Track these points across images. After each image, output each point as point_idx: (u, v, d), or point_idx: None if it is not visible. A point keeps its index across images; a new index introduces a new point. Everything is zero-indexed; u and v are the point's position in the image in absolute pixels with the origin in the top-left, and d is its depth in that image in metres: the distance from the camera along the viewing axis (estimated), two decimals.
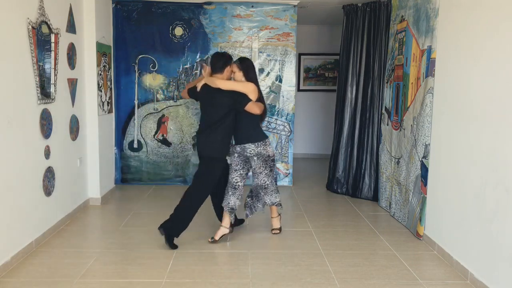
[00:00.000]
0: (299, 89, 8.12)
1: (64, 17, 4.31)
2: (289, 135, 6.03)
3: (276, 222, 4.22)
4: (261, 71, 5.89)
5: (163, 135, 5.98)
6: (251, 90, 3.78)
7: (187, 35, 5.82)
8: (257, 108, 3.81)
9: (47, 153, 3.92)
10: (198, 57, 5.86)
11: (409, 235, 4.18)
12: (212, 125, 3.81)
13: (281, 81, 5.98)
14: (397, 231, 4.30)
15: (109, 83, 5.43)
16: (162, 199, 5.32)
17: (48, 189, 3.95)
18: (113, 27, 5.67)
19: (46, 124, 3.87)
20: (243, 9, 5.83)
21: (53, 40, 4.00)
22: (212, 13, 5.81)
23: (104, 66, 5.19)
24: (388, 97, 4.98)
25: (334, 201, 5.47)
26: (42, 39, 3.83)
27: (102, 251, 3.69)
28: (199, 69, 5.87)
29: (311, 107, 8.27)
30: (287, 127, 6.03)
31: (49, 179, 3.97)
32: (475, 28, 3.25)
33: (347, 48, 5.61)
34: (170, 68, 5.86)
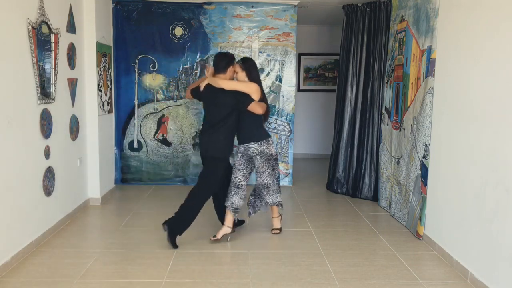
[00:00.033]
0: (299, 89, 8.12)
1: (64, 17, 4.31)
2: (289, 135, 6.03)
3: (276, 222, 4.22)
4: (261, 71, 5.88)
5: (163, 135, 5.98)
6: (254, 90, 3.79)
7: (187, 35, 5.82)
8: (259, 108, 3.81)
9: (47, 153, 3.92)
10: (198, 57, 5.86)
11: (409, 235, 4.18)
12: (215, 125, 3.82)
13: (281, 81, 5.98)
14: (397, 231, 4.30)
15: (109, 83, 5.43)
16: (162, 199, 5.32)
17: (48, 189, 3.95)
18: (113, 27, 5.67)
19: (46, 124, 3.87)
20: (243, 9, 5.83)
21: (53, 40, 4.00)
22: (212, 13, 5.81)
23: (104, 66, 5.19)
24: (388, 97, 4.98)
25: (334, 201, 5.47)
26: (42, 39, 3.83)
27: (102, 251, 3.69)
28: (199, 69, 5.87)
29: (311, 107, 8.27)
30: (287, 127, 6.03)
31: (49, 179, 3.97)
32: (475, 28, 3.25)
33: (347, 48, 5.61)
34: (170, 68, 5.86)
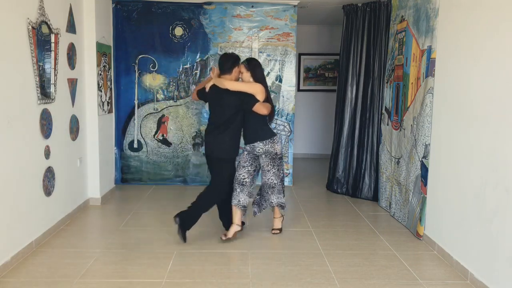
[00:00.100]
0: (299, 89, 8.12)
1: (64, 17, 4.31)
2: (289, 135, 6.03)
3: (277, 222, 4.22)
4: None
5: (163, 135, 5.98)
6: (259, 90, 3.80)
7: (187, 35, 5.82)
8: (264, 108, 3.82)
9: (47, 153, 3.92)
10: (198, 57, 5.86)
11: (409, 235, 4.18)
12: (220, 126, 3.83)
13: (281, 81, 5.98)
14: (397, 231, 4.30)
15: (109, 83, 5.43)
16: (162, 199, 5.32)
17: (48, 189, 3.95)
18: (113, 27, 5.67)
19: (46, 124, 3.87)
20: (243, 9, 5.83)
21: (53, 40, 4.00)
22: (212, 13, 5.81)
23: (104, 66, 5.19)
24: (388, 97, 4.98)
25: (334, 201, 5.47)
26: (42, 39, 3.83)
27: (102, 251, 3.69)
28: (199, 69, 5.87)
29: (311, 107, 8.27)
30: (287, 127, 6.03)
31: (49, 179, 3.97)
32: (475, 28, 3.25)
33: (347, 48, 5.61)
34: (170, 68, 5.86)
